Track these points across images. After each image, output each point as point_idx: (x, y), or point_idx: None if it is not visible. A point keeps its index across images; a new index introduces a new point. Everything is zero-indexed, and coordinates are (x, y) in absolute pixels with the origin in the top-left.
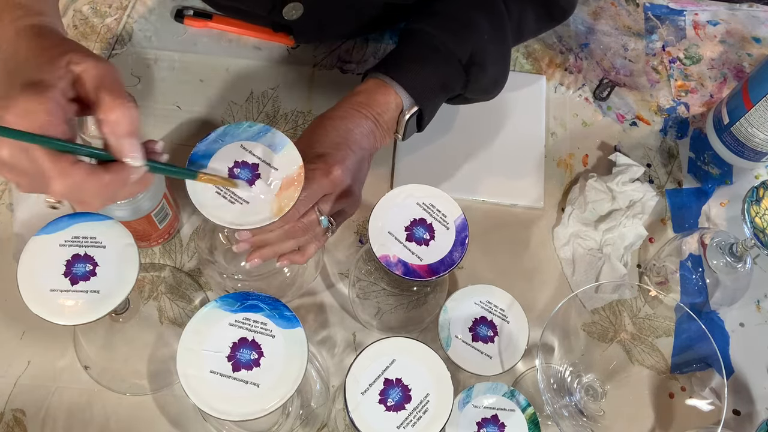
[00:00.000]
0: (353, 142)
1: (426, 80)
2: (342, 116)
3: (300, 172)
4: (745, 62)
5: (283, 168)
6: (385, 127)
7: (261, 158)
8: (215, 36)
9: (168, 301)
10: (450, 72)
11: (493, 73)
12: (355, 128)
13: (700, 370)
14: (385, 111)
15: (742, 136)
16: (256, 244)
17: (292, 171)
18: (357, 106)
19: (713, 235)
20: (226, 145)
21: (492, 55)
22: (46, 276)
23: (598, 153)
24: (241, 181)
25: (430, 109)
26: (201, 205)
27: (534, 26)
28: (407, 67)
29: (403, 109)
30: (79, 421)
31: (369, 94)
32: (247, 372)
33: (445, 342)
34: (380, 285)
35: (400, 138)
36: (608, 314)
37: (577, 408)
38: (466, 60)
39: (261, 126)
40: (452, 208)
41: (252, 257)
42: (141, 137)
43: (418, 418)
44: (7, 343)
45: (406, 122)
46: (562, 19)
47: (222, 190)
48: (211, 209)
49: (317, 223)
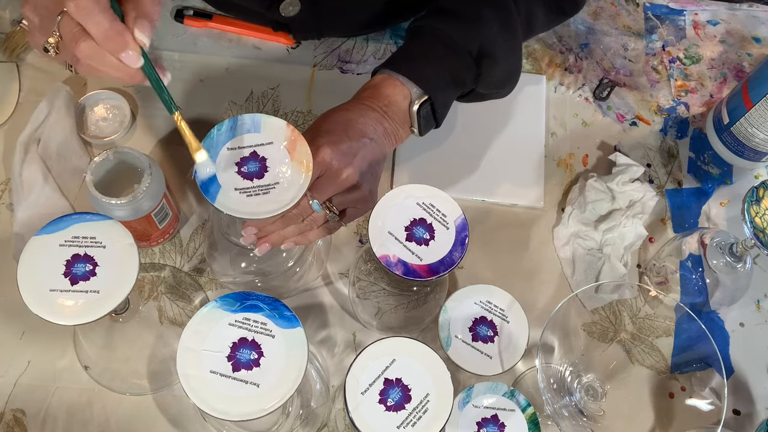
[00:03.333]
0: (352, 130)
1: (434, 71)
2: (346, 108)
3: (291, 129)
4: (745, 62)
5: (275, 137)
6: (396, 120)
7: (251, 145)
8: (215, 36)
9: (168, 301)
10: (460, 64)
11: (505, 67)
12: (357, 118)
13: (700, 370)
14: (392, 102)
15: (742, 136)
16: (261, 233)
17: (284, 133)
18: (363, 99)
19: (713, 235)
20: (217, 157)
21: (502, 48)
22: (46, 276)
23: (598, 153)
24: (203, 150)
25: (441, 101)
26: (247, 213)
27: (544, 20)
28: (414, 60)
29: (413, 100)
30: (79, 421)
31: (375, 88)
32: (247, 372)
33: (445, 342)
34: (380, 285)
35: (416, 132)
36: (608, 314)
37: (577, 408)
38: (476, 52)
39: (228, 121)
40: (452, 208)
41: (261, 243)
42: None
43: (418, 418)
44: (7, 343)
45: (417, 113)
46: (573, 13)
47: (250, 190)
48: (255, 207)
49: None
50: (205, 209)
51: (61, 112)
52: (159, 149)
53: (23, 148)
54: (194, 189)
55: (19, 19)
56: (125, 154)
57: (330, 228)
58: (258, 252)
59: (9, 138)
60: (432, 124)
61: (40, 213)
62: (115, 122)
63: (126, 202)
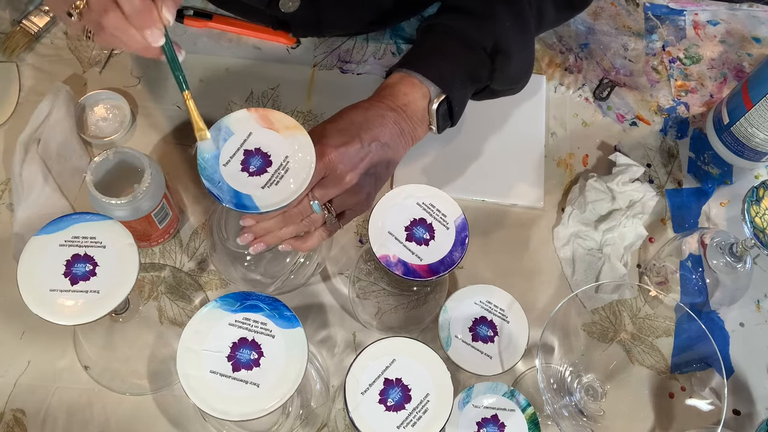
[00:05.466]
0: (366, 132)
1: (451, 69)
2: (365, 107)
3: (252, 110)
4: (745, 62)
5: (249, 127)
6: (414, 119)
7: (238, 148)
8: (215, 36)
9: (168, 301)
10: (475, 61)
11: (518, 62)
12: (375, 119)
13: (700, 370)
14: (411, 101)
15: (742, 136)
16: (259, 233)
17: (252, 118)
18: (381, 98)
19: (713, 235)
20: (223, 179)
21: (516, 43)
22: (46, 276)
23: (598, 153)
24: (207, 131)
25: (458, 98)
26: (288, 198)
27: (554, 15)
28: (430, 58)
29: (431, 98)
30: (79, 421)
31: (393, 87)
32: (247, 372)
33: (445, 342)
34: (380, 285)
35: (435, 131)
36: (608, 314)
37: (577, 408)
38: (490, 48)
39: (211, 132)
40: (452, 208)
41: (255, 242)
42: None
43: (418, 418)
44: (7, 343)
45: (435, 112)
46: (583, 8)
47: (272, 180)
48: (289, 187)
49: (309, 208)
50: (205, 209)
51: (61, 112)
52: (159, 149)
53: (23, 148)
54: (194, 189)
55: (19, 19)
56: (125, 154)
57: (328, 231)
58: (252, 251)
59: (9, 138)
60: (448, 123)
61: (40, 213)
62: (115, 122)
63: (126, 202)
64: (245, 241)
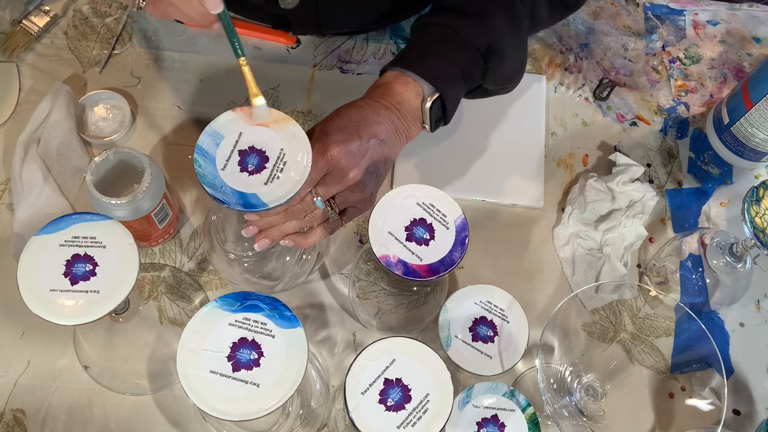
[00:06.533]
0: (364, 129)
1: (444, 68)
2: (360, 105)
3: (236, 111)
4: (745, 62)
5: (237, 127)
6: (409, 117)
7: (231, 150)
8: (215, 36)
9: (168, 301)
10: (468, 60)
11: (511, 62)
12: (371, 117)
13: (700, 370)
14: (405, 100)
15: (742, 136)
16: (263, 226)
17: (238, 117)
18: (377, 97)
19: (713, 235)
20: (223, 184)
21: (509, 43)
22: (46, 276)
23: (598, 153)
24: (261, 95)
25: (452, 97)
26: (292, 190)
27: (548, 15)
28: (423, 57)
29: (425, 97)
30: (79, 421)
31: (388, 85)
32: (247, 372)
33: (445, 342)
34: (380, 285)
35: (428, 129)
36: (608, 314)
37: (577, 408)
38: (484, 48)
39: (197, 156)
40: (452, 208)
41: (260, 238)
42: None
43: (418, 418)
44: (7, 343)
45: (429, 110)
46: (577, 7)
47: (272, 175)
48: (293, 178)
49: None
50: (205, 209)
51: (61, 112)
52: (159, 149)
53: (23, 148)
54: (194, 189)
55: (19, 19)
56: (125, 154)
57: (330, 228)
58: (257, 247)
59: (9, 138)
60: (441, 121)
61: (40, 213)
62: (115, 122)
63: (126, 202)
64: (250, 234)
